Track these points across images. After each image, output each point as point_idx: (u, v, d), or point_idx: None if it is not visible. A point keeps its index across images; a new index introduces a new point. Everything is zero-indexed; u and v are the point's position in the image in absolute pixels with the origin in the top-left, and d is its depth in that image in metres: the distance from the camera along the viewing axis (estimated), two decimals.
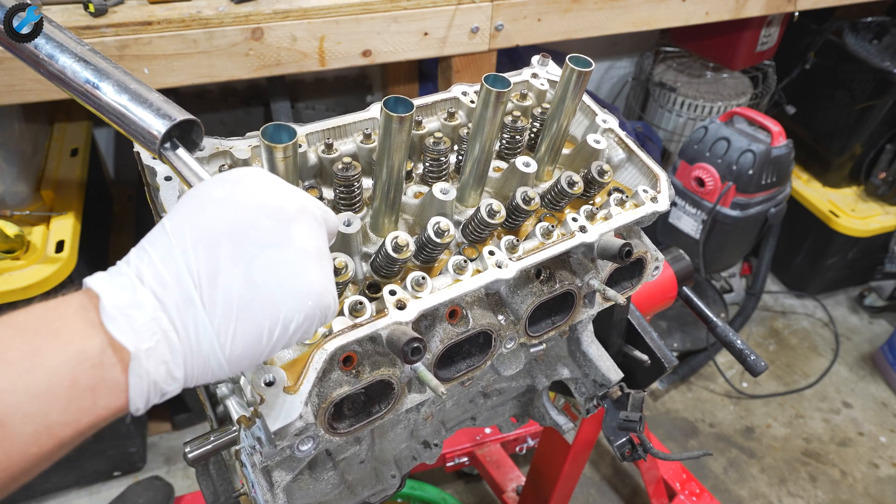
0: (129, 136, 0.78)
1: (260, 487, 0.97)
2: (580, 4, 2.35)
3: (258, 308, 0.63)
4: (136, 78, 0.79)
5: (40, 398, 0.54)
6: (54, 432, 0.55)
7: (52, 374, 0.55)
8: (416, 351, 0.80)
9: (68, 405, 0.56)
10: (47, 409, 0.54)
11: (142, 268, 0.61)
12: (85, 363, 0.57)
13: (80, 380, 0.56)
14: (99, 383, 0.57)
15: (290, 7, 1.97)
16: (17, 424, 0.53)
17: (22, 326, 0.57)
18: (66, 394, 0.55)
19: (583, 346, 1.29)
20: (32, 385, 0.54)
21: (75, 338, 0.57)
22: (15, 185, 2.18)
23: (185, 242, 0.62)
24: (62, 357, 0.56)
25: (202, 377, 0.63)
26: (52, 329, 0.57)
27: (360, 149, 1.05)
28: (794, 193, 3.61)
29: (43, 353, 0.56)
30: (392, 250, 0.88)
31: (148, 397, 0.61)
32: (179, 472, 2.86)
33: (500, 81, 0.91)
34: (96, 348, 0.57)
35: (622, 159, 1.18)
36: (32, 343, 0.56)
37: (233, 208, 0.64)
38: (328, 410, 0.87)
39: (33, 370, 0.55)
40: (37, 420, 0.54)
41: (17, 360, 0.54)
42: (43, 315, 0.58)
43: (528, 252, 0.99)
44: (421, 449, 1.26)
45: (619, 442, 1.54)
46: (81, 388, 0.56)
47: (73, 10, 1.85)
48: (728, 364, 3.50)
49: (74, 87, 0.77)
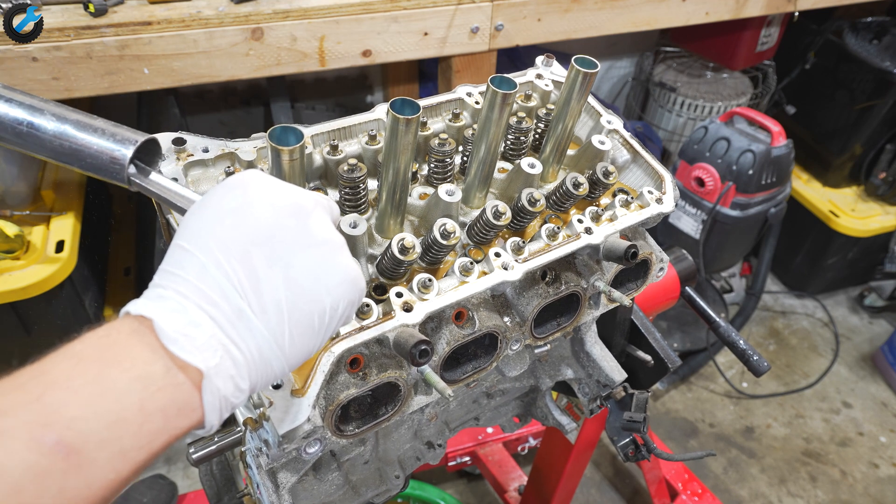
0: (86, 173, 0.70)
1: (265, 489, 0.96)
2: (580, 4, 2.35)
3: (305, 304, 0.64)
4: (73, 108, 0.72)
5: (112, 424, 0.54)
6: (129, 456, 0.55)
7: (121, 398, 0.55)
8: (423, 353, 0.80)
9: (140, 429, 0.56)
10: (120, 434, 0.54)
11: (181, 289, 0.61)
12: (150, 386, 0.57)
13: (149, 403, 0.56)
14: (168, 405, 0.57)
15: (290, 7, 1.97)
16: (93, 452, 0.53)
17: (80, 355, 0.57)
18: (136, 418, 0.55)
19: (586, 346, 1.29)
20: (103, 412, 0.54)
21: (137, 362, 0.57)
22: (15, 185, 2.18)
23: (216, 256, 0.62)
24: (127, 382, 0.56)
25: (266, 382, 0.65)
26: (111, 355, 0.57)
27: (365, 150, 1.04)
28: (794, 193, 3.62)
29: (108, 379, 0.55)
30: (398, 252, 0.87)
31: (221, 412, 0.61)
32: (180, 471, 2.85)
33: (506, 83, 0.91)
34: (159, 371, 0.57)
35: (627, 160, 1.18)
36: (95, 370, 0.56)
37: (251, 214, 0.64)
38: (335, 413, 0.86)
39: (102, 396, 0.54)
40: (112, 446, 0.54)
41: (83, 387, 0.54)
42: (98, 343, 0.58)
43: (534, 254, 0.99)
44: (425, 449, 1.26)
45: (623, 442, 1.54)
46: (150, 411, 0.56)
47: (73, 10, 1.85)
48: (728, 364, 3.50)
49: (9, 129, 0.68)
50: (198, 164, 0.93)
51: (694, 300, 1.64)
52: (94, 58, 1.84)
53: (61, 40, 1.79)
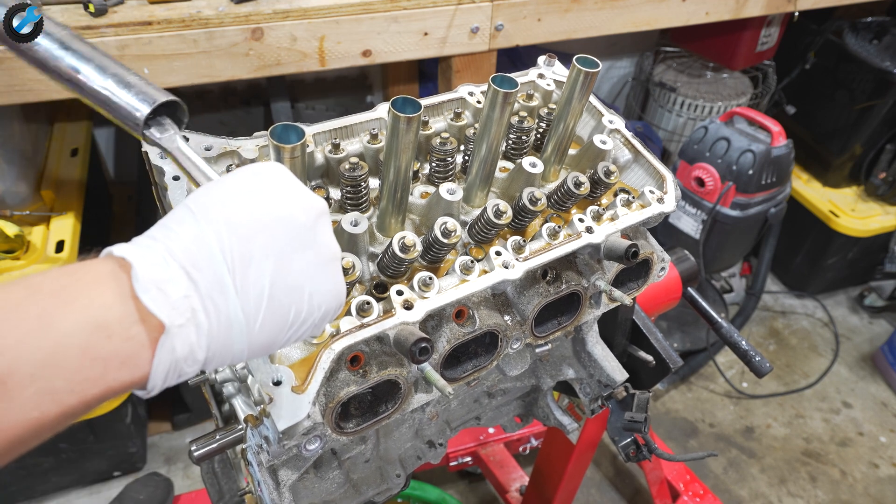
0: (115, 121, 0.78)
1: (266, 486, 0.96)
2: (580, 4, 2.35)
3: (286, 298, 0.64)
4: (116, 60, 0.79)
5: (46, 361, 0.52)
6: (58, 398, 0.53)
7: (63, 338, 0.53)
8: (424, 351, 0.80)
9: (75, 374, 0.53)
10: (53, 373, 0.52)
11: (172, 246, 0.60)
12: (98, 332, 0.55)
13: (93, 349, 0.54)
14: (112, 355, 0.55)
15: (290, 7, 1.97)
16: (19, 385, 0.51)
17: (37, 287, 0.55)
18: (75, 362, 0.53)
19: (588, 346, 1.29)
20: (39, 347, 0.52)
21: (94, 304, 0.56)
22: (15, 185, 2.17)
23: (218, 227, 0.61)
24: (76, 322, 0.54)
25: (220, 361, 0.63)
26: (69, 294, 0.55)
27: (366, 149, 1.04)
28: (794, 193, 3.62)
29: (55, 316, 0.54)
30: (399, 250, 0.87)
31: (167, 376, 0.59)
32: (179, 471, 2.85)
33: (508, 82, 0.91)
34: (115, 318, 0.56)
35: (628, 160, 1.18)
36: (45, 304, 0.54)
37: (267, 201, 0.64)
38: (335, 410, 0.87)
39: (42, 331, 0.53)
40: (40, 383, 0.52)
41: (26, 320, 0.53)
42: (61, 278, 0.56)
43: (535, 253, 0.99)
44: (426, 448, 1.26)
45: (624, 442, 1.54)
46: (92, 358, 0.54)
47: (74, 10, 1.85)
48: (728, 364, 3.50)
49: (56, 72, 0.77)
50: None
51: (696, 301, 1.64)
52: None
53: None
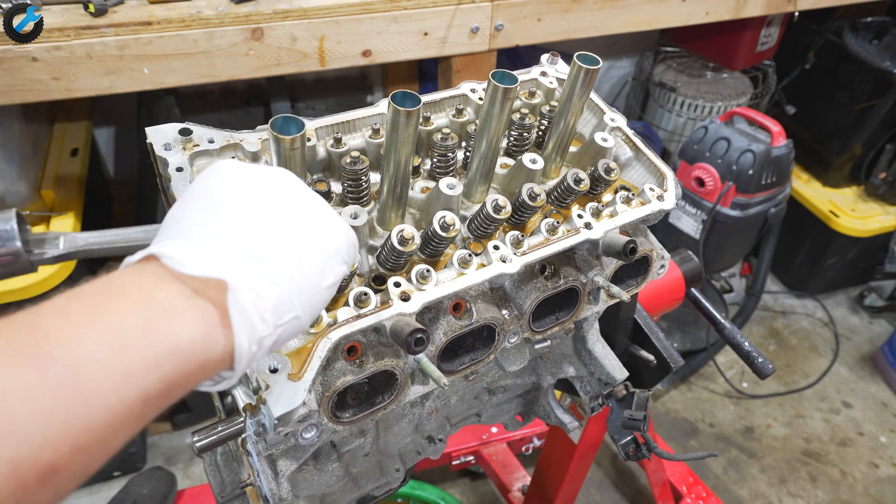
0: None
1: (265, 476, 0.97)
2: (580, 4, 2.36)
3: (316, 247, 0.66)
4: None
5: (111, 342, 0.50)
6: (135, 382, 0.51)
7: (121, 322, 0.52)
8: (419, 341, 0.81)
9: (144, 352, 0.52)
10: (121, 353, 0.50)
11: (194, 234, 0.60)
12: (156, 308, 0.53)
13: (154, 326, 0.53)
14: (178, 328, 0.54)
15: (290, 7, 1.97)
16: (90, 373, 0.48)
17: (75, 295, 0.53)
18: (141, 341, 0.52)
19: (588, 344, 1.29)
20: (99, 332, 0.50)
21: (141, 289, 0.54)
22: (15, 185, 2.18)
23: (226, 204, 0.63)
24: (129, 306, 0.53)
25: (285, 321, 0.62)
26: (112, 289, 0.54)
27: (368, 144, 1.05)
28: (794, 193, 3.62)
29: (105, 307, 0.52)
30: (397, 243, 0.88)
31: (249, 342, 0.57)
32: (179, 471, 2.85)
33: (508, 78, 0.91)
34: (169, 296, 0.55)
35: (629, 158, 1.18)
36: (91, 302, 0.53)
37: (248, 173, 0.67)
38: (332, 399, 0.87)
39: (97, 319, 0.51)
40: (111, 367, 0.49)
41: (79, 312, 0.51)
42: (95, 285, 0.55)
43: (533, 247, 0.99)
44: (425, 444, 1.26)
45: (624, 441, 1.54)
46: (156, 335, 0.52)
47: (73, 11, 1.85)
48: (728, 364, 3.50)
49: None
50: (203, 154, 0.95)
51: (699, 301, 1.64)
52: (94, 58, 1.84)
53: (61, 40, 1.79)
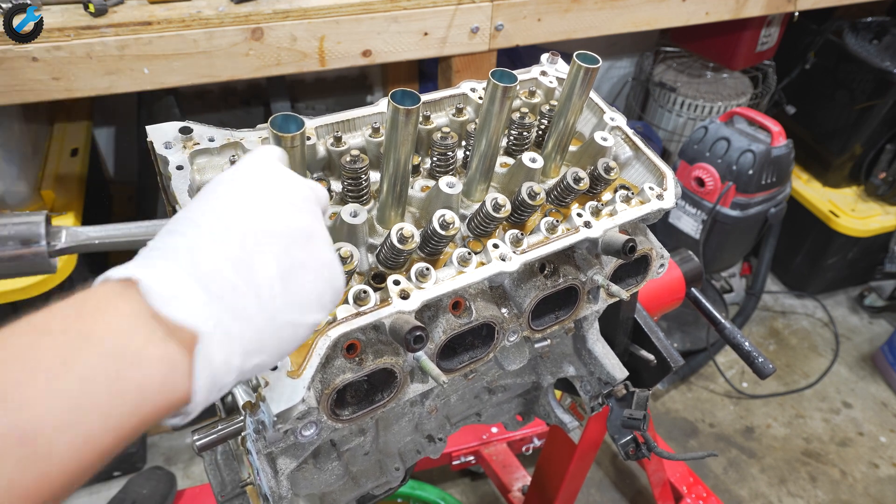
0: None
1: (264, 474, 0.97)
2: (580, 4, 2.36)
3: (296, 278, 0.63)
4: None
5: (73, 406, 0.47)
6: (95, 442, 0.48)
7: (87, 377, 0.48)
8: (418, 339, 0.81)
9: (109, 412, 0.49)
10: (83, 417, 0.47)
11: (172, 259, 0.57)
12: (126, 360, 0.50)
13: (122, 380, 0.50)
14: (146, 380, 0.51)
15: (290, 7, 1.97)
16: (49, 440, 0.46)
17: (43, 328, 0.50)
18: (105, 399, 0.49)
19: (588, 343, 1.29)
20: (62, 393, 0.47)
21: (113, 333, 0.51)
22: (15, 185, 2.18)
23: (212, 230, 0.59)
24: (97, 357, 0.49)
25: (252, 361, 0.60)
26: (81, 328, 0.51)
27: (368, 142, 1.05)
28: (794, 193, 3.62)
29: (72, 355, 0.49)
30: (397, 241, 0.88)
31: (210, 390, 0.55)
32: (179, 472, 2.85)
33: (507, 77, 0.92)
34: (139, 343, 0.51)
35: (629, 157, 1.18)
36: (58, 346, 0.49)
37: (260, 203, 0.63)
38: (331, 397, 0.87)
39: (61, 376, 0.47)
40: (71, 432, 0.47)
41: (42, 367, 0.47)
42: (66, 314, 0.52)
43: (533, 246, 0.99)
44: (425, 443, 1.26)
45: (623, 440, 1.54)
46: (123, 391, 0.50)
47: (73, 10, 1.85)
48: (728, 364, 3.50)
49: None
50: (204, 153, 0.95)
51: (700, 302, 1.64)
52: (94, 58, 1.84)
53: (61, 40, 1.79)
